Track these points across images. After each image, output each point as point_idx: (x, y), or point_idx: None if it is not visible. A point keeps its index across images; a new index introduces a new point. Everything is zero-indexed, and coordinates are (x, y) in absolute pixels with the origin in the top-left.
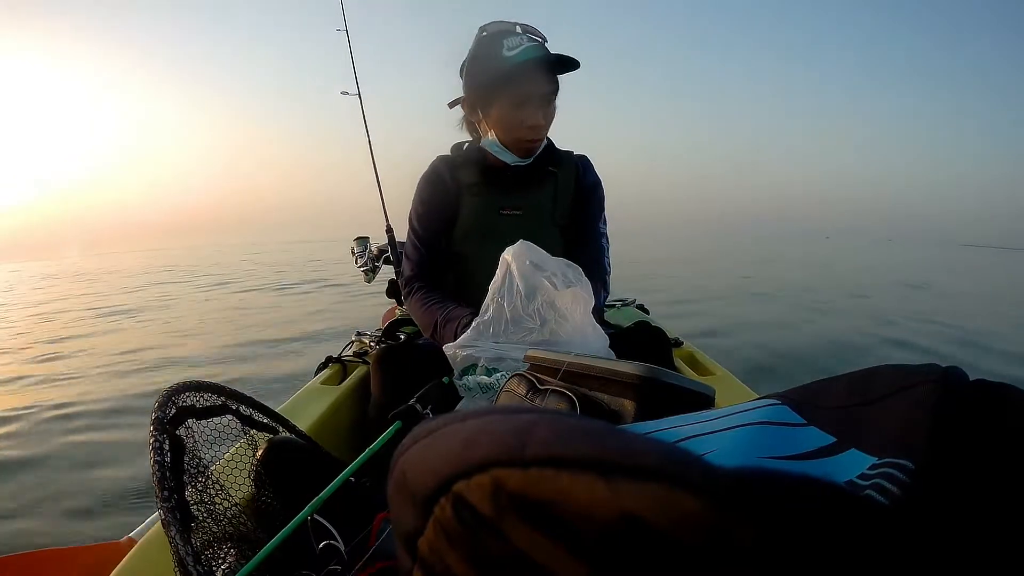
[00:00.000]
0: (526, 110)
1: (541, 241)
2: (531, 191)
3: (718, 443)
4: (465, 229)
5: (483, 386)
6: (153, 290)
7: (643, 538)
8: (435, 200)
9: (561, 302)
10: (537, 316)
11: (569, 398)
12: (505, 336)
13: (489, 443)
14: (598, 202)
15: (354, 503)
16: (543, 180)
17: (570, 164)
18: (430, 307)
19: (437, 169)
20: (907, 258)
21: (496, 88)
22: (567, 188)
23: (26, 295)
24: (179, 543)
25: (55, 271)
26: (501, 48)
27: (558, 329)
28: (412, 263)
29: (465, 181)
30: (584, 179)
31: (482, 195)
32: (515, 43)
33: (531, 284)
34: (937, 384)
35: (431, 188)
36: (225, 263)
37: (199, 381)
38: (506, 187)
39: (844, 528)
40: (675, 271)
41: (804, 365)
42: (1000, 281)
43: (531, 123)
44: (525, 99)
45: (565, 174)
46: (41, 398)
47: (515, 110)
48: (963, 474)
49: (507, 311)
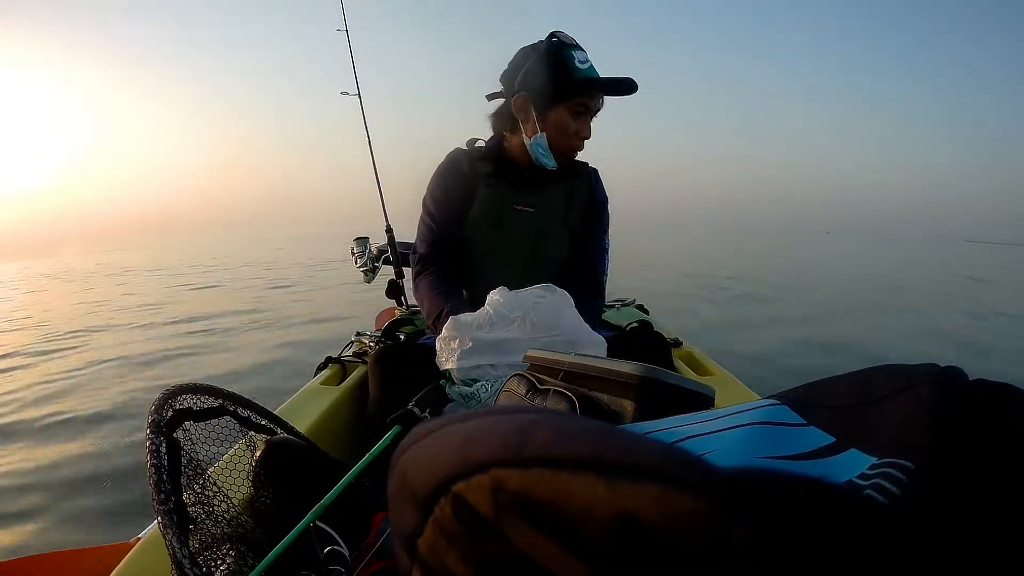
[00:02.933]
0: (581, 121)
1: (550, 239)
2: (544, 192)
3: (717, 443)
4: (478, 217)
5: (464, 396)
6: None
7: (642, 538)
8: (453, 186)
9: (542, 303)
10: (518, 308)
11: (569, 398)
12: (493, 330)
13: (489, 443)
14: (605, 218)
15: (353, 504)
16: (556, 184)
17: (585, 174)
18: (436, 295)
19: (456, 158)
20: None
21: (563, 95)
22: (581, 197)
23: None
24: (175, 546)
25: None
26: (573, 60)
27: (541, 315)
28: (426, 243)
29: (482, 172)
30: (595, 193)
31: (498, 187)
32: (583, 58)
33: (513, 299)
34: (937, 384)
35: (449, 175)
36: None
37: (196, 384)
38: (521, 184)
39: (843, 528)
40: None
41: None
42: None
43: (583, 134)
44: (584, 111)
45: (580, 183)
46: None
47: (573, 119)
48: (963, 474)
49: (491, 312)
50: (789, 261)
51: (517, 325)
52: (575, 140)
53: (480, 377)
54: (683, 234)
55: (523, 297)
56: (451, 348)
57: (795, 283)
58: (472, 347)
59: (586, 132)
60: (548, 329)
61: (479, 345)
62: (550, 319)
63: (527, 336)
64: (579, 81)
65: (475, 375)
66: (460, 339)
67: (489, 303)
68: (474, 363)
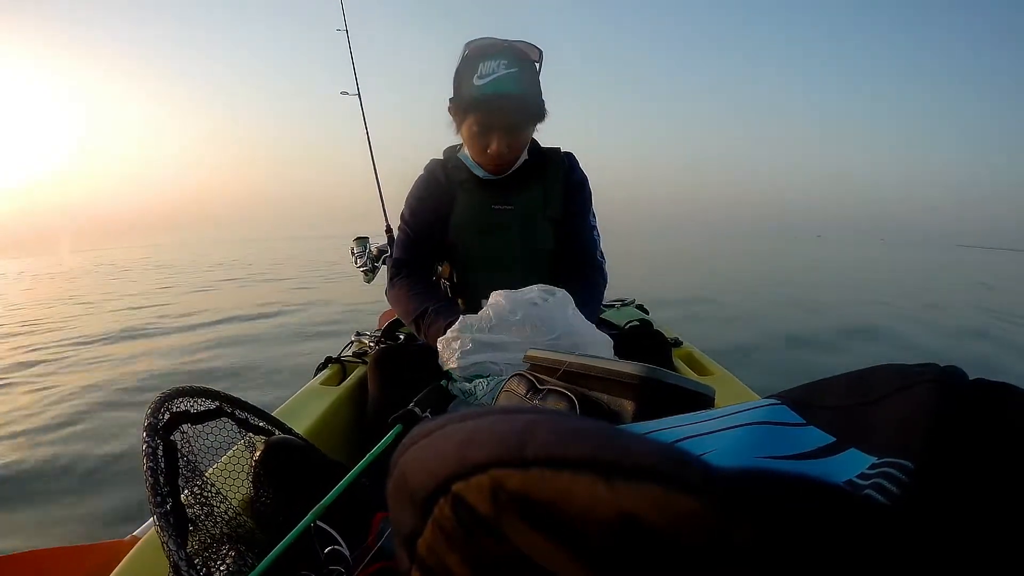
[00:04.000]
0: (488, 138)
1: (536, 233)
2: (520, 190)
3: (717, 443)
4: (460, 223)
5: (464, 392)
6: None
7: (642, 538)
8: (430, 198)
9: (542, 305)
10: (519, 310)
11: (569, 398)
12: (490, 331)
13: (488, 443)
14: (586, 197)
15: (353, 504)
16: (530, 178)
17: (556, 161)
18: (414, 296)
19: (431, 171)
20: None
21: (464, 113)
22: (555, 185)
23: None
24: (172, 549)
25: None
26: (474, 73)
27: (543, 318)
28: (402, 248)
29: (458, 179)
30: (572, 176)
31: (474, 192)
32: (489, 69)
33: (514, 301)
34: (936, 383)
35: (425, 188)
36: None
37: (192, 387)
38: (496, 186)
39: (843, 528)
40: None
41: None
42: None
43: (491, 151)
44: (487, 128)
45: (553, 172)
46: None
47: (479, 136)
48: (963, 474)
49: (492, 312)
50: (826, 270)
51: (516, 330)
52: (486, 157)
53: (482, 372)
54: (677, 237)
55: (523, 299)
56: (452, 348)
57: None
58: (472, 348)
59: (495, 148)
60: (550, 332)
61: (479, 347)
62: (552, 321)
63: (528, 340)
64: (472, 98)
65: (477, 371)
66: (462, 340)
67: (490, 305)
68: (479, 360)
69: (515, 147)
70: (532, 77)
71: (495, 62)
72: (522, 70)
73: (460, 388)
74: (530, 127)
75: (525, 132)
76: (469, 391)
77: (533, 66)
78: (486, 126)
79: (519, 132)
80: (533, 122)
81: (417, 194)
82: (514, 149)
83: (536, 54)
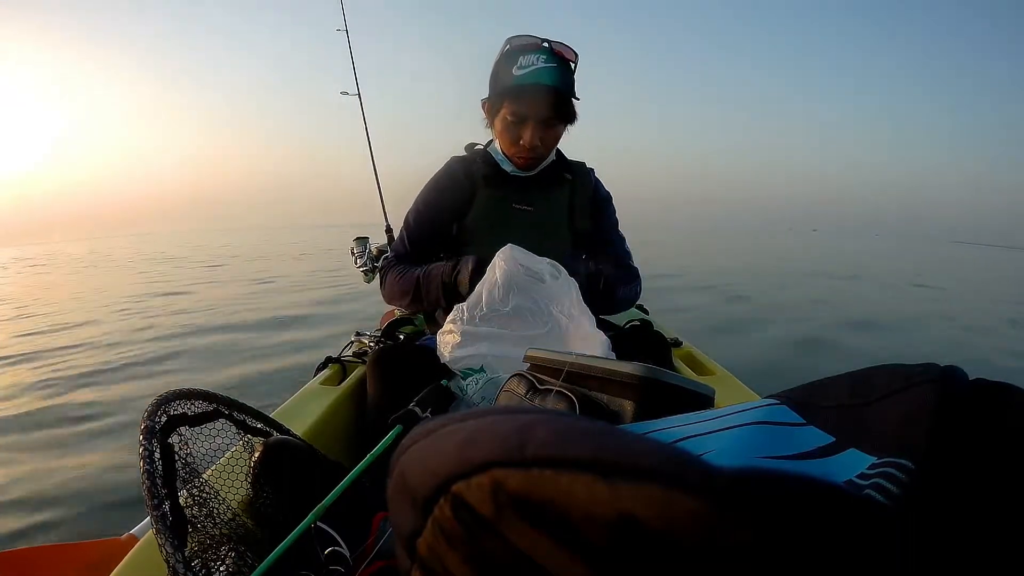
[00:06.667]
0: (522, 129)
1: (550, 238)
2: (543, 192)
3: (717, 443)
4: (476, 219)
5: (460, 389)
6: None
7: (642, 538)
8: (447, 190)
9: (539, 293)
10: (509, 301)
11: (569, 398)
12: (483, 322)
13: (489, 443)
14: (614, 211)
15: (354, 504)
16: (556, 185)
17: (585, 174)
18: (407, 273)
19: (451, 169)
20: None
21: (501, 102)
22: (585, 197)
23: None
24: (168, 551)
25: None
26: (514, 64)
27: (548, 293)
28: (395, 254)
29: (479, 175)
30: (598, 191)
31: (495, 189)
32: (529, 62)
33: (510, 278)
34: (936, 383)
35: (439, 189)
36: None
37: (189, 389)
38: (518, 186)
39: (843, 528)
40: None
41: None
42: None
43: (525, 142)
44: (523, 119)
45: (583, 183)
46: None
47: (512, 127)
48: (963, 474)
49: (484, 298)
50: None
51: (505, 321)
52: (518, 148)
53: (472, 367)
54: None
55: (535, 267)
56: (445, 341)
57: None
58: (462, 341)
59: (528, 139)
60: (540, 326)
61: (469, 339)
62: (549, 308)
63: (517, 333)
64: (510, 88)
65: (468, 364)
66: (453, 332)
67: (497, 263)
68: (467, 354)
69: (547, 141)
70: (569, 76)
71: (535, 56)
72: (560, 66)
73: (457, 385)
74: (562, 125)
75: (557, 128)
76: (463, 388)
77: (570, 66)
78: (521, 115)
79: (552, 126)
80: (565, 121)
81: (427, 199)
82: (546, 143)
83: (573, 55)
